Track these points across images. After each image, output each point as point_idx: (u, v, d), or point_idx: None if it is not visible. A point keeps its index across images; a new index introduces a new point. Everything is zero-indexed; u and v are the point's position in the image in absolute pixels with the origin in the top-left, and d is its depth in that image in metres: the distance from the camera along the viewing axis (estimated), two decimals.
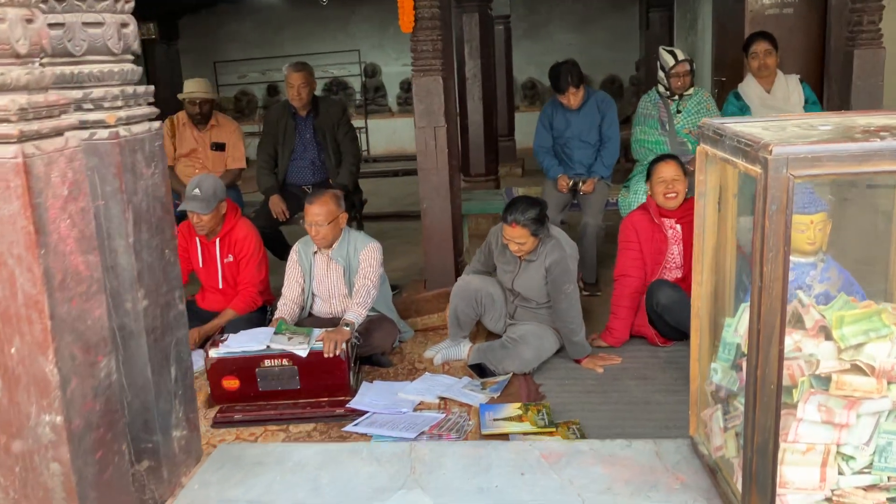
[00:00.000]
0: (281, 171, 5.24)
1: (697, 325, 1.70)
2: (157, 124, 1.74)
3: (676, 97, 4.92)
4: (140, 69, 1.72)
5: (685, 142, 4.91)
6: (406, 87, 12.97)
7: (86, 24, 1.55)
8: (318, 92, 5.52)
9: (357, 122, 13.09)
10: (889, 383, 1.63)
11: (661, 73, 4.95)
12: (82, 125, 1.56)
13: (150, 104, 1.74)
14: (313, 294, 4.08)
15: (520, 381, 3.66)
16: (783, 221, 1.21)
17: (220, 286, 4.33)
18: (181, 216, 4.16)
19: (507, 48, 9.35)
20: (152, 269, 1.70)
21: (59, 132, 1.36)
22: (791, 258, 1.32)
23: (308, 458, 2.07)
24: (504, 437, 3.12)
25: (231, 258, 4.27)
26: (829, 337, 1.57)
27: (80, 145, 1.36)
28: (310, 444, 2.52)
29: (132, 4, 1.65)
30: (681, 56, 4.89)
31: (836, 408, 1.60)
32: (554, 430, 3.15)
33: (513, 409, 3.32)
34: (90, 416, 1.45)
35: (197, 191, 4.06)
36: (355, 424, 3.29)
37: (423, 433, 3.14)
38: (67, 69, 1.55)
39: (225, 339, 3.68)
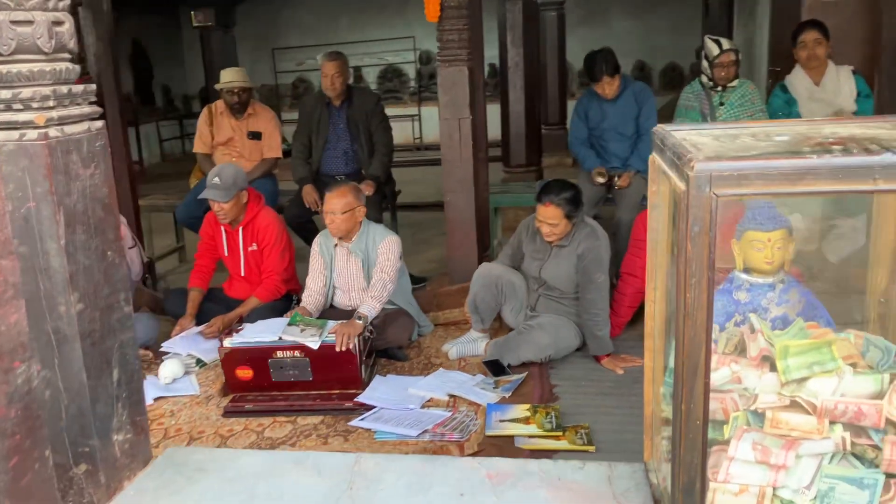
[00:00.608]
0: (315, 160, 5.24)
1: (651, 346, 1.58)
2: (98, 124, 1.72)
3: (720, 89, 4.72)
4: (77, 68, 1.70)
5: None
6: None
7: (14, 22, 1.53)
8: (372, 79, 5.50)
9: (410, 110, 13.11)
10: (832, 423, 1.46)
11: (704, 63, 4.75)
12: (11, 126, 1.56)
13: (91, 103, 1.72)
14: (334, 286, 4.07)
15: (534, 381, 3.57)
16: (706, 244, 1.10)
17: (243, 274, 4.37)
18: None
19: (559, 35, 9.17)
20: (90, 271, 1.68)
21: None
22: (747, 278, 1.22)
23: (250, 466, 2.02)
24: (509, 439, 3.05)
25: (255, 247, 4.30)
26: (773, 368, 1.42)
27: None
28: (257, 452, 2.47)
29: (67, 3, 1.63)
30: (726, 45, 4.68)
31: (773, 447, 1.43)
32: (561, 434, 3.06)
33: (521, 410, 3.24)
34: (3, 423, 1.45)
35: (217, 179, 4.10)
36: (361, 419, 3.27)
37: (426, 431, 3.10)
38: (1, 68, 1.54)
39: (241, 329, 3.71)
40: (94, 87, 1.74)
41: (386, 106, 5.31)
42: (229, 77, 5.27)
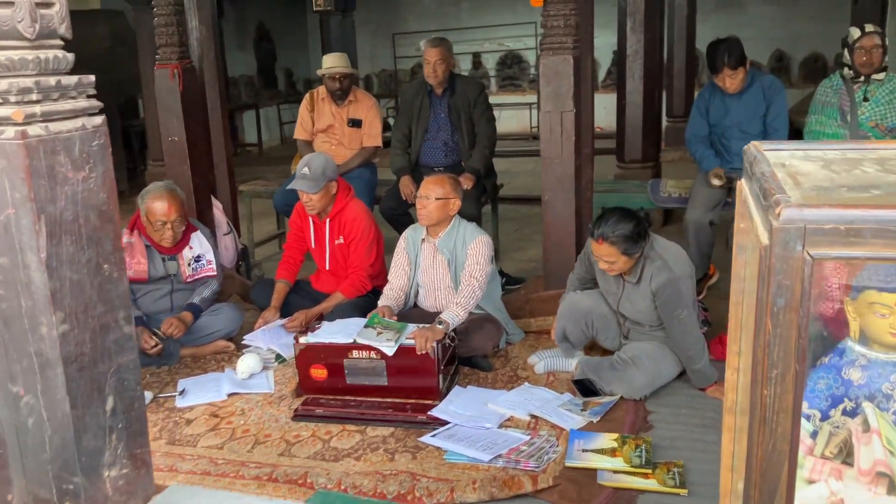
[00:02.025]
0: (414, 150, 5.05)
1: (731, 425, 1.20)
2: (97, 120, 1.52)
3: (863, 80, 4.15)
4: (71, 56, 1.52)
5: (869, 136, 4.15)
6: None
7: None
8: (492, 65, 5.24)
9: (529, 98, 12.73)
10: None
11: (844, 52, 4.21)
12: None
13: (90, 97, 1.53)
14: (418, 284, 3.86)
15: (627, 406, 3.23)
16: (795, 324, 0.77)
17: (328, 267, 4.23)
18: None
19: (689, 22, 8.58)
20: (79, 287, 1.50)
21: None
22: (863, 351, 0.89)
23: None
24: (591, 472, 2.74)
25: (341, 240, 4.15)
26: (892, 489, 1.02)
27: None
28: (261, 500, 2.24)
29: None
30: (869, 28, 4.11)
31: None
32: (650, 472, 2.72)
33: (608, 440, 2.92)
34: None
35: (306, 170, 3.96)
36: (433, 435, 3.04)
37: (499, 456, 2.83)
38: None
39: (319, 327, 3.57)
40: (91, 78, 1.56)
41: (504, 93, 5.05)
42: (331, 62, 5.15)
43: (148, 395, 3.48)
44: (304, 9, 13.52)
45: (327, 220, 4.13)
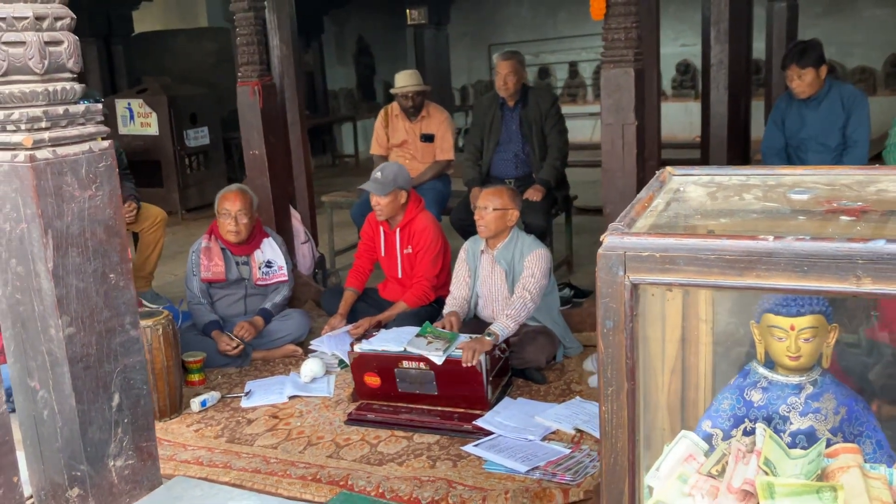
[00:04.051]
0: (485, 162, 5.11)
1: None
2: (104, 144, 1.68)
3: None
4: (80, 87, 1.67)
5: None
6: (682, 69, 12.14)
7: (6, 43, 1.52)
8: (588, 74, 5.24)
9: None
10: None
11: None
12: (5, 147, 1.55)
13: (98, 122, 1.68)
14: (477, 294, 3.92)
15: None
16: (622, 344, 0.78)
17: (399, 276, 4.35)
18: None
19: (789, 28, 8.25)
20: (85, 294, 1.65)
21: None
22: (765, 373, 0.89)
23: None
24: None
25: (410, 249, 4.26)
26: None
27: None
28: (253, 495, 2.31)
29: (66, 22, 1.60)
30: None
31: None
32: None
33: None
34: None
35: (378, 174, 4.13)
36: (475, 445, 3.09)
37: (536, 468, 2.86)
38: None
39: (375, 334, 3.68)
40: (99, 106, 1.73)
41: (599, 102, 5.04)
42: (403, 81, 5.28)
43: (216, 395, 3.70)
44: (402, 22, 13.83)
45: (397, 230, 4.26)
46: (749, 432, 0.95)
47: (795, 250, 0.77)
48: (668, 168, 1.14)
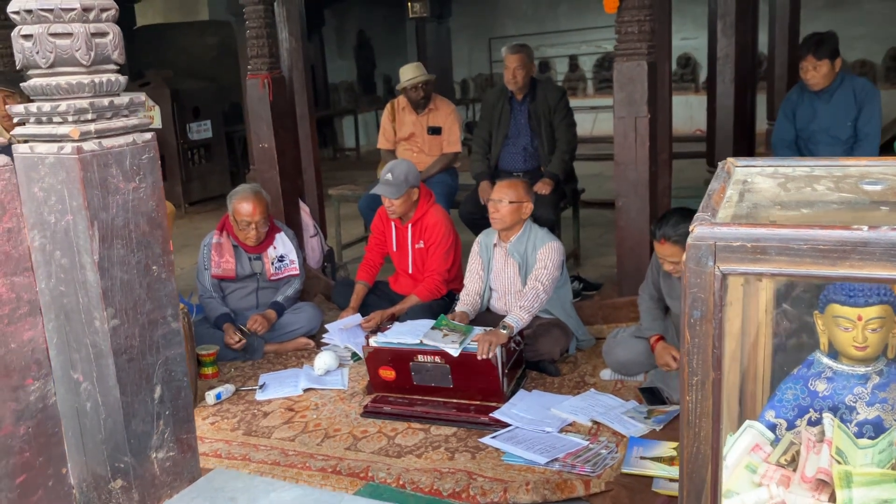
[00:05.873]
0: (493, 156, 5.11)
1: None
2: (147, 136, 1.68)
3: None
4: (123, 79, 1.67)
5: None
6: (683, 62, 12.15)
7: (53, 34, 1.52)
8: (589, 68, 5.25)
9: None
10: None
11: None
12: (52, 138, 1.56)
13: (141, 115, 1.68)
14: (490, 287, 3.93)
15: None
16: (709, 334, 0.79)
17: (410, 271, 4.35)
18: None
19: (791, 22, 8.27)
20: (129, 286, 1.65)
21: None
22: (830, 363, 0.89)
23: (281, 501, 1.89)
24: (646, 479, 2.74)
25: (422, 244, 4.27)
26: (833, 497, 0.97)
27: (7, 164, 1.34)
28: (294, 486, 2.32)
29: (111, 13, 1.60)
30: None
31: None
32: None
33: (667, 448, 2.90)
34: (9, 440, 1.45)
35: (389, 175, 4.11)
36: (493, 437, 3.10)
37: (556, 459, 2.87)
38: (42, 81, 1.53)
39: (389, 327, 3.69)
40: (142, 98, 1.73)
41: (601, 95, 5.05)
42: (410, 73, 5.28)
43: (230, 387, 3.70)
44: (402, 16, 13.80)
45: (409, 225, 4.26)
46: (814, 422, 0.96)
47: (892, 240, 0.78)
48: (730, 159, 1.15)
